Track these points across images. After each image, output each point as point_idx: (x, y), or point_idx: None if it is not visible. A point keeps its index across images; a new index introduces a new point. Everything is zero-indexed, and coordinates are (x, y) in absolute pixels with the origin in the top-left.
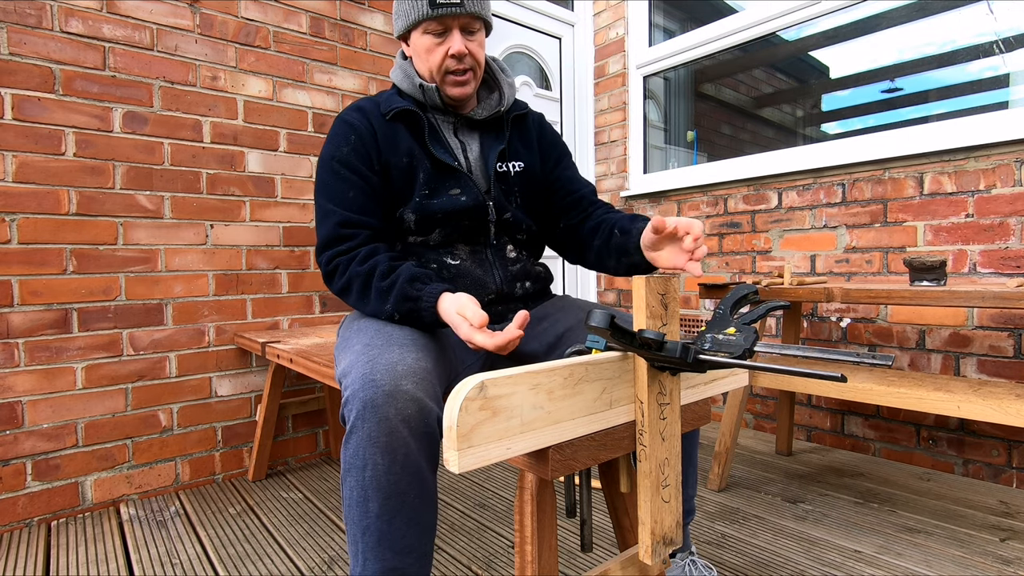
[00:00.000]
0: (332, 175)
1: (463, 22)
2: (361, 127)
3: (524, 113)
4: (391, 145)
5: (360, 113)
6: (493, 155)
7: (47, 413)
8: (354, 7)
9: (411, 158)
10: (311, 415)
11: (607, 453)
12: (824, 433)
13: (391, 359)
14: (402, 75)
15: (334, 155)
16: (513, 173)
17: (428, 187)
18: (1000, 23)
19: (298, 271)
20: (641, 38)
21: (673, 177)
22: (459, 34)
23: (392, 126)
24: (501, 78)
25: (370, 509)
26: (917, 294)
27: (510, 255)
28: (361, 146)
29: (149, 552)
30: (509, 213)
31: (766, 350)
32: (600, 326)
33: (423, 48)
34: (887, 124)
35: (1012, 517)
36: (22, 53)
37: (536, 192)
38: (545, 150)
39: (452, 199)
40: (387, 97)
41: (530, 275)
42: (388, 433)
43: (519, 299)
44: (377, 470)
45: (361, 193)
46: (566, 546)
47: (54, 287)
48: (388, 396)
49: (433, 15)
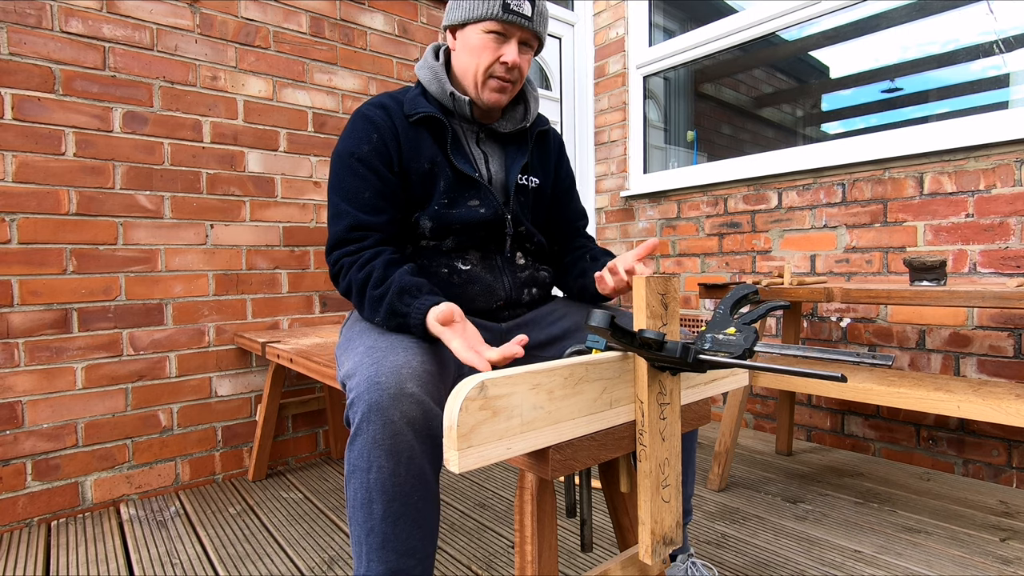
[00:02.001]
0: (349, 172)
1: (525, 36)
2: (383, 126)
3: (546, 130)
4: (414, 149)
5: (384, 112)
6: (516, 168)
7: (47, 413)
8: (354, 7)
9: (433, 165)
10: (311, 415)
11: (607, 453)
12: (824, 433)
13: (396, 362)
14: (431, 77)
15: (353, 151)
16: (530, 188)
17: (447, 196)
18: (1000, 23)
19: (298, 271)
20: (641, 38)
21: (673, 177)
22: (517, 45)
23: (416, 130)
24: (528, 91)
25: (374, 511)
26: (917, 294)
27: (519, 262)
28: (383, 146)
29: (149, 552)
30: (524, 226)
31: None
32: (600, 326)
33: (477, 45)
34: (887, 124)
35: (1012, 517)
36: (22, 53)
37: (543, 210)
38: (560, 178)
39: (471, 210)
40: (412, 98)
41: (537, 282)
42: (393, 436)
43: (526, 305)
44: (382, 472)
45: (376, 194)
46: (566, 546)
47: (54, 287)
48: (393, 399)
49: (503, 18)
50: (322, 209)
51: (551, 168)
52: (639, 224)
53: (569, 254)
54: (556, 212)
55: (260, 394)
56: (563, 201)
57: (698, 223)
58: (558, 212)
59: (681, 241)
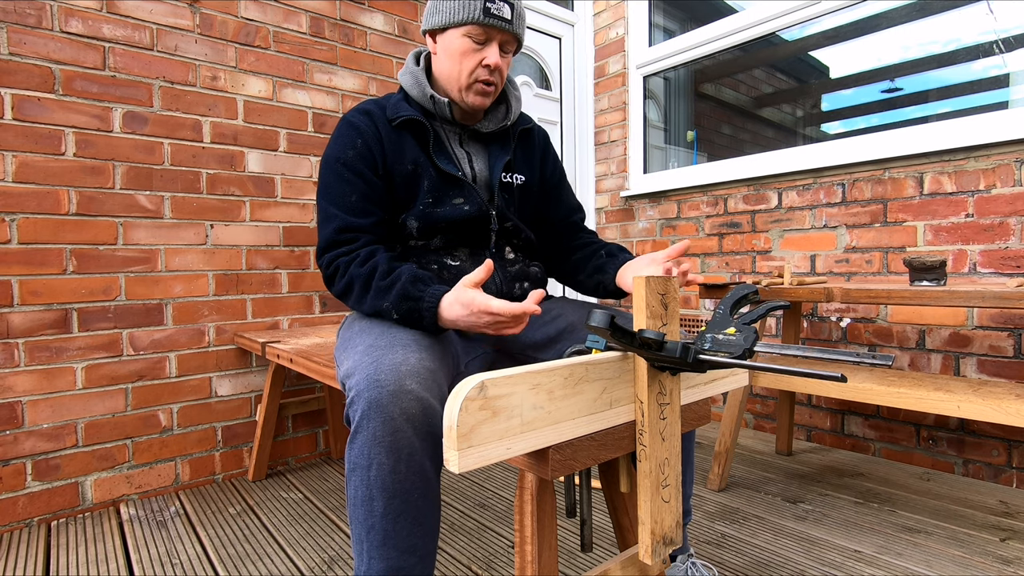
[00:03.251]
0: (335, 177)
1: (505, 38)
2: (367, 132)
3: (529, 128)
4: (397, 152)
5: (367, 117)
6: (499, 166)
7: (47, 413)
8: (354, 7)
9: (416, 166)
10: (311, 415)
11: (607, 453)
12: (824, 433)
13: (395, 359)
14: (412, 81)
15: (338, 157)
16: (515, 185)
17: (432, 195)
18: (1000, 23)
19: (298, 271)
20: (641, 38)
21: (673, 177)
22: (497, 48)
23: (398, 133)
24: (510, 91)
25: (375, 508)
26: (917, 294)
27: (508, 256)
28: (367, 151)
29: (149, 552)
30: (510, 222)
31: (766, 350)
32: (600, 326)
33: (457, 50)
34: (887, 124)
35: (1012, 517)
36: (22, 53)
37: (533, 206)
38: (547, 173)
39: (456, 208)
40: (394, 103)
41: (528, 276)
42: (393, 432)
43: (518, 298)
44: (382, 470)
45: (363, 197)
46: (566, 546)
47: (54, 287)
48: (393, 396)
49: (484, 22)
50: None
51: (536, 164)
52: (639, 224)
53: (577, 251)
54: (548, 207)
55: (260, 394)
56: (553, 196)
57: (698, 223)
58: (550, 207)
59: (681, 241)
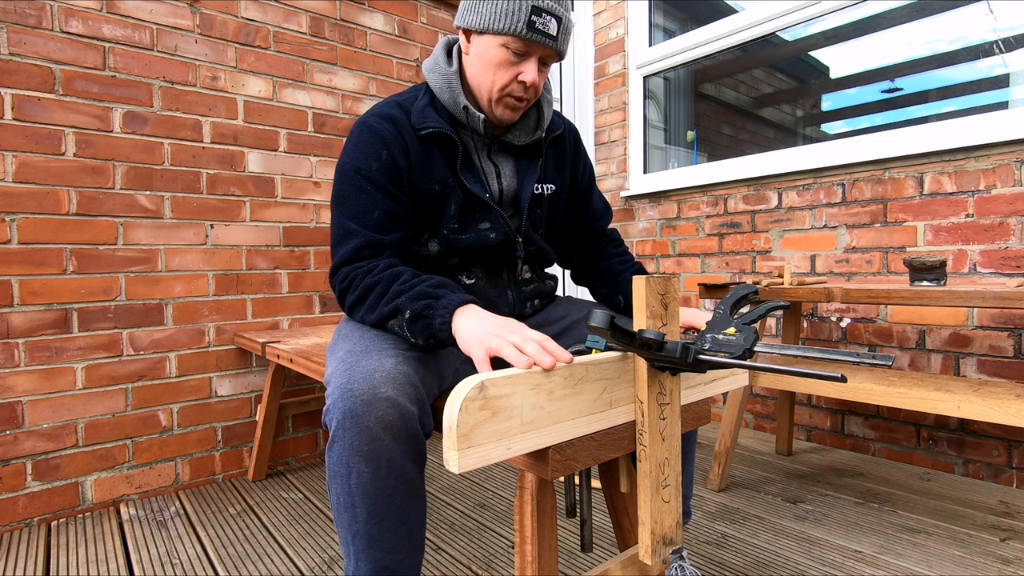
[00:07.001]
0: (356, 190)
1: (547, 53)
2: (392, 142)
3: (560, 134)
4: (424, 168)
5: (392, 125)
6: (529, 182)
7: (47, 413)
8: (354, 7)
9: (444, 186)
10: (311, 415)
11: (607, 453)
12: (824, 433)
13: (369, 367)
14: (444, 85)
15: (360, 168)
16: (545, 196)
17: (458, 220)
18: (1000, 23)
19: (298, 271)
20: (641, 38)
21: (673, 177)
22: (536, 64)
23: (425, 147)
24: (543, 96)
25: (358, 514)
26: (917, 294)
27: (524, 275)
28: (392, 164)
29: (149, 552)
30: (535, 246)
31: (766, 350)
32: (600, 326)
33: (493, 60)
34: (887, 124)
35: (1012, 517)
36: (22, 53)
37: (560, 213)
38: (577, 176)
39: (481, 235)
40: (420, 109)
41: (541, 294)
42: (370, 442)
43: (528, 317)
44: (362, 477)
45: (386, 215)
46: (566, 546)
47: (54, 287)
48: (367, 405)
49: (527, 36)
50: (322, 209)
51: (567, 169)
52: (639, 224)
53: (601, 261)
54: (576, 212)
55: (260, 394)
56: (582, 200)
57: (698, 223)
58: (578, 211)
59: (681, 241)
